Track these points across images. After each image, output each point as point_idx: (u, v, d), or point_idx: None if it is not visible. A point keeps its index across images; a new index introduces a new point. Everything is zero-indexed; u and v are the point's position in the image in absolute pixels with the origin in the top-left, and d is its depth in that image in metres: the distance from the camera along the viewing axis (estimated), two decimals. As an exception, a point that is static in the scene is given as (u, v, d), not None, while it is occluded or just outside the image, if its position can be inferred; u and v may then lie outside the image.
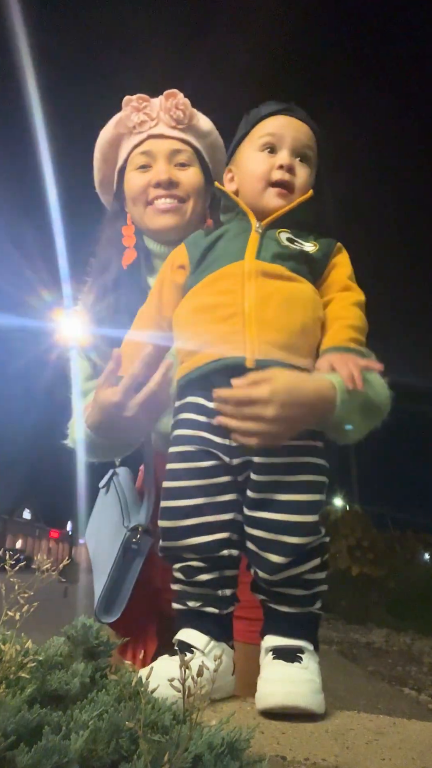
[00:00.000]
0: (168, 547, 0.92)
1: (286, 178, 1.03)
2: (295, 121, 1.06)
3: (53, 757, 0.43)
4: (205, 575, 0.90)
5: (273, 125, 1.06)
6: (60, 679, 0.57)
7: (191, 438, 0.92)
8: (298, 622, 0.87)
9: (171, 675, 0.47)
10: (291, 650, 0.84)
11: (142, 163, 1.24)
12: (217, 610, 0.90)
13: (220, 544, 0.89)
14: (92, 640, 0.65)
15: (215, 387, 0.90)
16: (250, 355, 0.89)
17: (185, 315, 0.99)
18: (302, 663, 0.82)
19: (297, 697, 0.77)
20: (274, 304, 0.92)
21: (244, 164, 1.07)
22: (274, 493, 0.88)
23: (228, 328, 0.91)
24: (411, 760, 0.65)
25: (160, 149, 1.24)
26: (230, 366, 0.90)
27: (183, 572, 0.91)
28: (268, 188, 1.03)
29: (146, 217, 1.24)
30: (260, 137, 1.06)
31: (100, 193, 1.36)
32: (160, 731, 0.49)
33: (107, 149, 1.29)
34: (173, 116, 1.24)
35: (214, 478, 0.91)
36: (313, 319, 0.95)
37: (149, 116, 1.23)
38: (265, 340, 0.90)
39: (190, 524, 0.90)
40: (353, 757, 0.65)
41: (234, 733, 0.49)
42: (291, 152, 1.04)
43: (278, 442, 0.87)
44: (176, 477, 0.93)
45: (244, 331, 0.90)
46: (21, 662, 0.54)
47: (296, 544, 0.86)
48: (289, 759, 0.63)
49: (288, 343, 0.91)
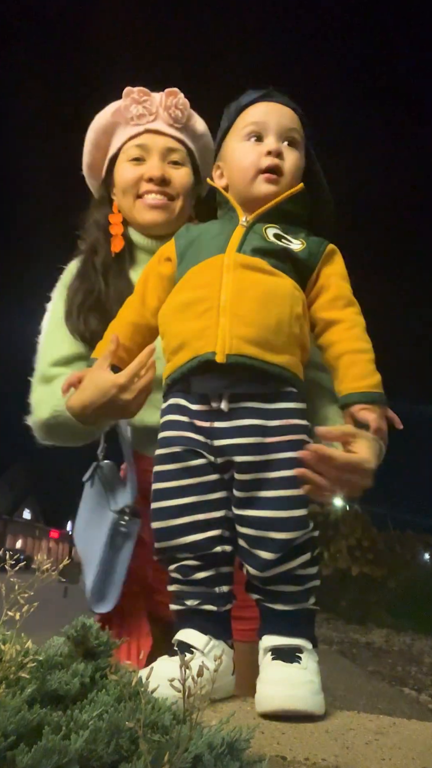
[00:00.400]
0: (162, 548, 0.92)
1: (276, 163, 1.01)
2: (277, 106, 1.05)
3: (53, 757, 0.43)
4: (201, 573, 0.90)
5: (255, 113, 1.05)
6: (60, 679, 0.57)
7: (177, 439, 0.93)
8: (294, 620, 0.87)
9: (171, 675, 0.47)
10: (289, 650, 0.84)
11: (136, 155, 1.25)
12: (215, 608, 0.90)
13: (214, 540, 0.90)
14: (92, 640, 0.65)
15: (192, 387, 0.92)
16: (221, 350, 0.88)
17: (168, 313, 0.99)
18: (301, 663, 0.82)
19: (297, 701, 0.77)
20: (250, 298, 0.91)
21: (231, 157, 1.06)
22: (258, 491, 0.87)
23: (203, 323, 0.91)
24: (411, 760, 0.65)
25: (155, 145, 1.25)
26: (203, 363, 0.89)
27: (179, 572, 0.91)
28: (259, 175, 1.02)
29: (135, 209, 1.26)
30: (244, 127, 1.05)
31: (87, 177, 1.37)
32: (160, 731, 0.49)
33: (101, 135, 1.30)
34: (172, 114, 1.25)
35: (203, 476, 0.91)
36: (290, 315, 0.93)
37: (148, 110, 1.24)
38: (236, 334, 0.89)
39: (182, 523, 0.90)
40: (353, 757, 0.65)
41: (234, 733, 0.49)
42: (277, 137, 1.03)
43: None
44: (166, 478, 0.93)
45: (216, 325, 0.90)
46: (21, 662, 0.54)
47: (285, 540, 0.85)
48: (289, 759, 0.63)
49: (260, 339, 0.89)
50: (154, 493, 0.94)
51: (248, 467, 0.88)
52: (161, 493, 0.93)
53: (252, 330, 0.89)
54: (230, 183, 1.07)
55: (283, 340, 0.91)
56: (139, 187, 1.25)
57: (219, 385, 0.90)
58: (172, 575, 0.93)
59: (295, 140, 1.05)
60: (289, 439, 0.89)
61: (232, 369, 0.88)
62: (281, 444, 0.88)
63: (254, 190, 1.02)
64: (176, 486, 0.92)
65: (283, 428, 0.89)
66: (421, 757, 0.66)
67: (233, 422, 0.89)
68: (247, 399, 0.89)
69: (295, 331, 0.93)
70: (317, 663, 0.85)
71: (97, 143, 1.31)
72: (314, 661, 0.84)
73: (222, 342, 0.88)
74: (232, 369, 0.88)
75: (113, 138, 1.29)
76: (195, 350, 0.91)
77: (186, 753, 0.44)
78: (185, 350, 0.92)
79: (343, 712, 0.83)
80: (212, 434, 0.90)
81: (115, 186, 1.30)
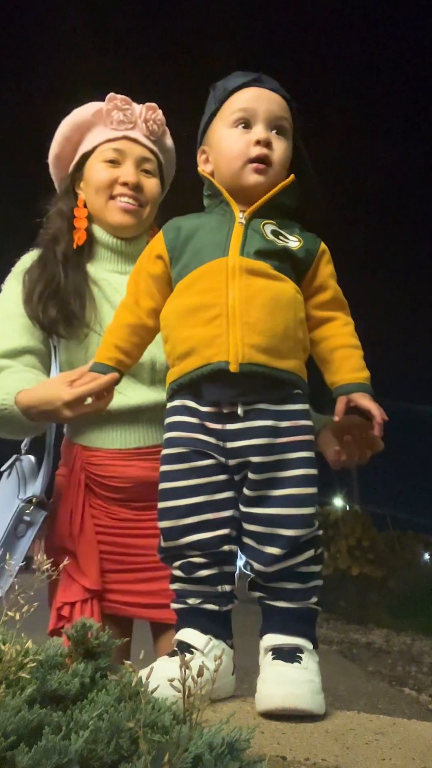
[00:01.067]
0: (168, 547, 0.92)
1: (265, 153, 0.99)
2: (266, 92, 1.02)
3: (53, 758, 0.43)
4: (205, 571, 0.90)
5: (244, 99, 1.02)
6: (60, 680, 0.57)
7: (186, 440, 0.93)
8: (296, 618, 0.87)
9: (171, 675, 0.47)
10: (290, 650, 0.84)
11: (111, 158, 1.30)
12: (216, 607, 0.90)
13: (221, 540, 0.90)
14: (92, 640, 0.65)
15: (204, 393, 0.92)
16: (234, 360, 0.89)
17: (172, 317, 0.97)
18: (302, 663, 0.82)
19: (297, 699, 0.77)
20: (259, 305, 0.91)
21: (218, 143, 1.03)
22: (270, 489, 0.89)
23: (212, 330, 0.91)
24: (411, 760, 0.65)
25: (132, 152, 1.31)
26: (215, 371, 0.90)
27: (182, 569, 0.91)
28: (247, 165, 1.00)
29: (107, 210, 1.30)
30: (232, 113, 1.02)
31: (52, 167, 1.41)
32: (160, 731, 0.49)
33: (75, 130, 1.34)
34: (149, 127, 1.33)
35: (211, 476, 0.91)
36: (295, 321, 0.94)
37: (128, 119, 1.31)
38: (248, 343, 0.89)
39: (191, 522, 0.90)
40: (353, 757, 0.65)
41: (234, 733, 0.49)
42: (266, 126, 1.01)
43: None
44: (174, 478, 0.93)
45: (227, 333, 0.90)
46: (21, 662, 0.54)
47: (292, 536, 0.86)
48: (289, 759, 0.63)
49: (270, 347, 0.90)
50: (161, 493, 0.94)
51: (262, 467, 0.89)
52: (169, 492, 0.93)
53: (262, 338, 0.90)
54: (216, 170, 1.05)
55: (289, 345, 0.92)
56: (113, 189, 1.30)
57: (232, 393, 0.91)
58: (174, 573, 0.93)
59: (284, 129, 1.03)
60: (299, 439, 0.91)
61: (243, 377, 0.89)
62: (292, 444, 0.90)
63: (242, 180, 1.00)
64: (184, 486, 0.92)
65: (293, 429, 0.91)
66: (421, 757, 0.66)
67: (246, 424, 0.90)
68: (259, 402, 0.91)
69: (300, 335, 0.95)
70: (317, 664, 0.85)
71: (69, 137, 1.35)
72: (314, 661, 0.85)
73: (235, 351, 0.89)
74: (243, 377, 0.89)
75: (88, 135, 1.33)
76: (206, 358, 0.91)
77: (186, 753, 0.44)
78: (194, 357, 0.92)
79: (343, 712, 0.83)
80: (224, 436, 0.91)
81: (86, 182, 1.33)
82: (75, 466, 1.27)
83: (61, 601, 1.20)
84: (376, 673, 5.32)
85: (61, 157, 1.38)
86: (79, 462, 1.26)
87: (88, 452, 1.26)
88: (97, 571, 1.21)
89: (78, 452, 1.27)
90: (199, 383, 0.92)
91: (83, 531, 1.24)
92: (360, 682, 4.71)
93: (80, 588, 1.20)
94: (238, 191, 1.01)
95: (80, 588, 1.20)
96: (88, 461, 1.26)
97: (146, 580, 1.23)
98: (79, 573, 1.21)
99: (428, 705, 4.19)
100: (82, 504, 1.25)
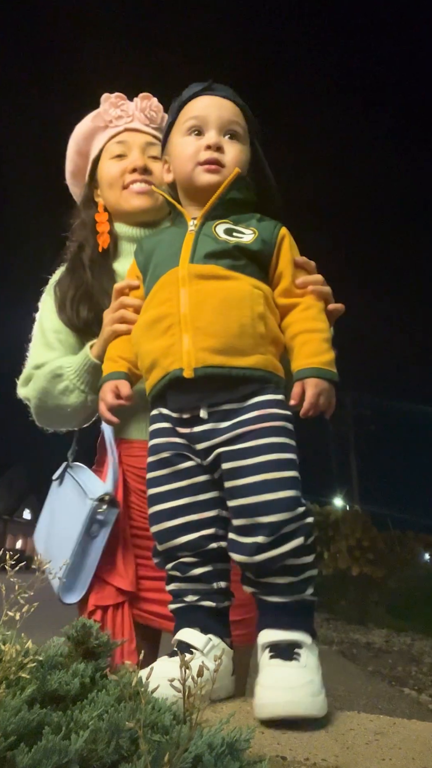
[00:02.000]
0: (161, 551, 0.94)
1: (215, 156, 1.02)
2: (217, 99, 1.06)
3: (53, 758, 0.43)
4: (198, 569, 0.91)
5: (196, 108, 1.06)
6: (60, 680, 0.57)
7: (165, 444, 0.95)
8: (292, 611, 0.85)
9: (171, 675, 0.47)
10: (287, 646, 0.82)
11: (118, 152, 1.35)
12: (213, 604, 0.90)
13: (207, 539, 0.91)
14: (92, 641, 0.65)
15: (169, 400, 0.95)
16: (187, 365, 0.90)
17: (137, 333, 1.01)
18: (300, 660, 0.80)
19: (297, 706, 0.75)
20: (209, 308, 0.92)
21: (174, 151, 1.08)
22: (243, 478, 0.88)
23: (167, 340, 0.93)
24: (411, 760, 0.65)
25: (135, 141, 1.35)
26: (173, 380, 0.92)
27: (177, 569, 0.92)
28: (197, 167, 1.03)
29: (122, 199, 1.34)
30: (185, 122, 1.06)
31: (71, 184, 1.46)
32: (160, 731, 0.49)
33: (82, 142, 1.39)
34: (147, 115, 1.37)
35: (192, 478, 0.93)
36: (252, 317, 0.93)
37: (125, 113, 1.36)
38: (201, 347, 0.90)
39: (177, 524, 0.92)
40: (353, 757, 0.65)
41: (234, 733, 0.49)
42: (217, 131, 1.04)
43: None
44: (158, 483, 0.95)
45: (180, 341, 0.91)
46: (21, 662, 0.54)
47: (274, 522, 0.84)
48: (289, 759, 0.63)
49: (225, 347, 0.90)
50: (149, 499, 0.96)
51: (230, 456, 0.89)
52: (155, 498, 0.95)
53: (215, 340, 0.90)
54: (176, 177, 1.09)
55: (248, 342, 0.92)
56: (124, 178, 1.33)
57: (192, 399, 0.92)
58: (170, 574, 0.94)
59: (236, 133, 1.06)
60: (267, 425, 0.89)
61: (202, 381, 0.90)
62: (259, 430, 0.89)
63: (195, 182, 1.03)
64: (168, 490, 0.94)
65: (261, 417, 0.90)
66: (421, 757, 0.66)
67: (212, 425, 0.91)
68: (223, 403, 0.91)
69: (260, 330, 0.93)
70: (317, 657, 0.83)
71: (79, 150, 1.41)
72: (314, 656, 0.83)
73: (188, 357, 0.90)
74: (202, 381, 0.90)
75: (93, 142, 1.39)
76: (164, 368, 0.93)
77: (186, 753, 0.44)
78: (157, 369, 0.95)
79: (343, 712, 0.83)
80: (193, 439, 0.93)
81: (100, 183, 1.37)
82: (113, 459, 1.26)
83: (93, 604, 1.16)
84: (376, 673, 5.33)
85: (76, 172, 1.44)
86: (117, 457, 1.26)
87: (126, 444, 1.27)
88: (133, 572, 1.19)
89: (117, 444, 1.27)
90: (164, 393, 0.95)
91: (119, 530, 1.21)
92: (360, 682, 4.72)
93: (113, 590, 1.17)
94: (195, 194, 1.05)
95: (113, 590, 1.17)
96: (126, 453, 1.26)
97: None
98: (113, 574, 1.18)
99: (428, 705, 4.19)
100: (120, 501, 1.23)
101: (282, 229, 1.03)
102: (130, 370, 1.05)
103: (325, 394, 0.93)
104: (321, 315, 1.00)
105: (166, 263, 0.99)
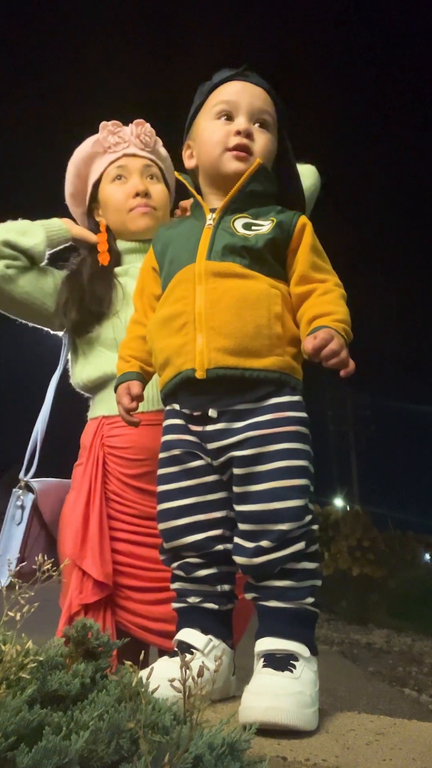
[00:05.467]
0: (167, 549, 0.93)
1: (245, 143, 0.99)
2: (249, 86, 1.03)
3: (53, 758, 0.43)
4: (203, 571, 0.90)
5: (227, 92, 1.02)
6: (60, 680, 0.57)
7: (176, 442, 0.95)
8: (290, 620, 0.82)
9: (171, 675, 0.47)
10: (282, 657, 0.79)
11: (118, 174, 1.43)
12: (216, 606, 0.90)
13: (214, 540, 0.90)
14: (92, 641, 0.65)
15: (181, 400, 0.94)
16: (200, 366, 0.89)
17: (152, 329, 0.99)
18: (293, 672, 0.77)
19: (278, 713, 0.71)
20: (224, 308, 0.90)
21: (200, 135, 1.04)
22: (253, 484, 0.87)
23: (181, 339, 0.92)
24: (411, 760, 0.65)
25: (134, 165, 1.43)
26: (185, 379, 0.91)
27: (182, 569, 0.92)
28: (225, 152, 0.99)
29: (129, 221, 1.41)
30: (215, 105, 1.02)
31: (71, 205, 1.54)
32: (160, 732, 0.49)
33: (81, 165, 1.47)
34: (142, 140, 1.45)
35: (202, 477, 0.92)
36: (269, 317, 0.90)
37: (123, 139, 1.44)
38: (214, 347, 0.89)
39: (183, 523, 0.91)
40: (354, 757, 0.65)
41: (234, 733, 0.49)
42: (248, 118, 1.01)
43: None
44: (168, 480, 0.95)
45: (194, 341, 0.90)
46: (21, 663, 0.54)
47: (282, 531, 0.84)
48: (290, 759, 0.63)
49: (240, 348, 0.88)
50: (159, 496, 0.96)
51: (243, 461, 0.88)
52: (164, 495, 0.94)
53: (229, 340, 0.89)
54: (199, 163, 1.05)
55: (264, 343, 0.90)
56: (128, 204, 1.41)
57: (204, 401, 0.91)
58: (175, 572, 0.94)
59: (266, 122, 1.03)
60: (282, 430, 0.88)
61: (214, 382, 0.89)
62: (273, 435, 0.88)
63: (222, 168, 1.00)
64: (177, 488, 0.93)
65: (275, 421, 0.89)
66: (421, 758, 0.66)
67: (224, 425, 0.90)
68: (236, 404, 0.90)
69: (277, 330, 0.91)
70: (314, 673, 0.80)
71: (78, 173, 1.48)
72: (311, 670, 0.80)
73: (201, 357, 0.89)
74: (214, 382, 0.89)
75: (92, 166, 1.47)
76: (177, 367, 0.92)
77: (186, 753, 0.44)
78: (170, 367, 0.94)
79: (344, 713, 0.83)
80: (204, 438, 0.91)
81: (104, 207, 1.46)
82: (94, 443, 1.27)
83: (77, 603, 1.16)
84: (377, 673, 5.32)
85: (76, 194, 1.50)
86: (98, 438, 1.27)
87: (107, 421, 1.28)
88: (108, 562, 1.18)
89: (98, 425, 1.29)
90: (176, 391, 0.94)
91: (96, 515, 1.21)
92: (360, 683, 4.71)
93: (94, 586, 1.16)
94: (219, 181, 1.01)
95: (94, 586, 1.16)
96: (109, 434, 1.27)
97: (163, 601, 1.14)
98: (90, 564, 1.17)
99: (429, 705, 4.19)
100: (99, 488, 1.23)
101: (302, 218, 1.00)
102: (142, 368, 1.05)
103: (338, 339, 0.87)
104: (338, 300, 0.94)
105: (183, 259, 0.97)
